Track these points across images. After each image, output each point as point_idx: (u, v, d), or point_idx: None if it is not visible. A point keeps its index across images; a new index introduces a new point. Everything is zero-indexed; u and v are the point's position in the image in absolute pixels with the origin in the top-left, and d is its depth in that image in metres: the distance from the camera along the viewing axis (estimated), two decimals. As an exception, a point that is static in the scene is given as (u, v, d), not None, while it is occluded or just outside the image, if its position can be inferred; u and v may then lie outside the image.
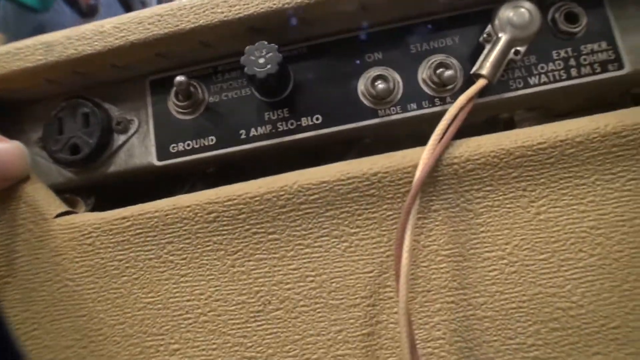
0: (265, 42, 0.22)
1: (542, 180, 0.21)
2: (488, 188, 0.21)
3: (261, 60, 0.22)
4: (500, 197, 0.21)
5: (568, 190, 0.20)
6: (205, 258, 0.22)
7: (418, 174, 0.20)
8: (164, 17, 0.23)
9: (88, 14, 0.88)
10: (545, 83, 0.24)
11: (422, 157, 0.21)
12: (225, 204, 0.21)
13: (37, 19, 0.76)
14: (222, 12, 0.23)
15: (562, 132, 0.21)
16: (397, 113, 0.24)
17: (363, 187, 0.21)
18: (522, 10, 0.23)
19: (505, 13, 0.23)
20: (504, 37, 0.23)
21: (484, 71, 0.23)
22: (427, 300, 0.20)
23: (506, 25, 0.23)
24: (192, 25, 0.23)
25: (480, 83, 0.22)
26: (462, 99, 0.22)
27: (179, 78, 0.24)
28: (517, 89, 0.24)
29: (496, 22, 0.23)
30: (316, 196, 0.21)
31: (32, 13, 0.75)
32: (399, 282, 0.19)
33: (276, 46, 0.22)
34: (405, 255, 0.19)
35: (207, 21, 0.23)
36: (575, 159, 0.21)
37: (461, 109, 0.22)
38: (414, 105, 0.24)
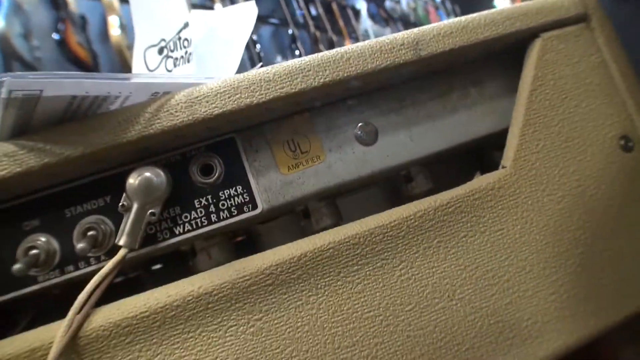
0: None
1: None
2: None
3: None
4: None
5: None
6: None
7: (53, 349, 0.23)
8: None
9: None
10: (189, 231, 0.28)
11: (57, 333, 0.23)
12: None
13: None
14: None
15: (162, 298, 0.25)
16: (56, 277, 0.26)
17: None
18: (146, 176, 0.26)
19: (131, 182, 0.26)
20: (135, 205, 0.26)
21: (122, 242, 0.25)
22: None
23: (134, 193, 0.26)
24: None
25: (120, 254, 0.25)
26: (102, 272, 0.25)
27: None
28: (164, 239, 0.27)
29: (127, 190, 0.26)
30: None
31: None
32: None
33: None
34: None
35: None
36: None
37: (103, 279, 0.25)
38: (71, 268, 0.27)
